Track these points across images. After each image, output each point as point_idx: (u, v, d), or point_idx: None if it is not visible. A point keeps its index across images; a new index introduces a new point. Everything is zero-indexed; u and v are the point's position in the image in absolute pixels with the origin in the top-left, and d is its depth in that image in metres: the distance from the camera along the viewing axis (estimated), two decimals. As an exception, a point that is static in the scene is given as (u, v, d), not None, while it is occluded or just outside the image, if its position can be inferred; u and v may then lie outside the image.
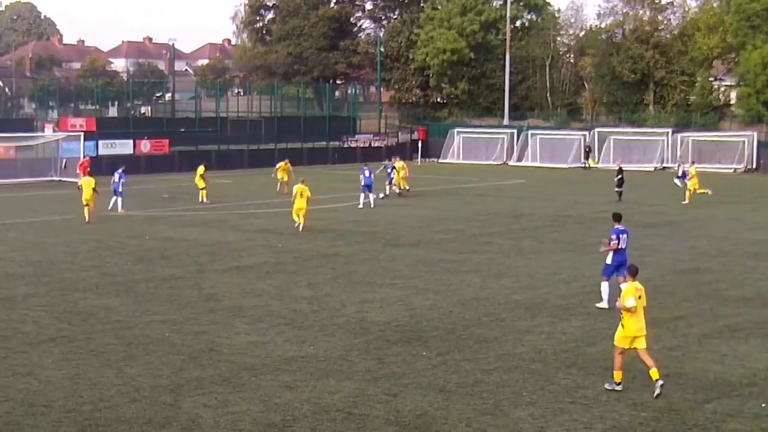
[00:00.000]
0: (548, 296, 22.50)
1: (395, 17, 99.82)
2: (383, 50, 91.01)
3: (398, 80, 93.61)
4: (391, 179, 47.56)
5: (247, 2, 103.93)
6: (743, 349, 17.73)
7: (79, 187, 38.42)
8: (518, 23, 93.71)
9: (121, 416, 13.73)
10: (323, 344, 17.85)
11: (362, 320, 19.89)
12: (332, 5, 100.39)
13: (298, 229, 33.69)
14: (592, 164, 73.03)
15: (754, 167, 69.88)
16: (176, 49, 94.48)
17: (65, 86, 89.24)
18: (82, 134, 60.15)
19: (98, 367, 16.26)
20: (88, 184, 36.96)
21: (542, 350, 17.52)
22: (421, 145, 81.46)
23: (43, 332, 18.77)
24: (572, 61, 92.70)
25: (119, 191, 39.46)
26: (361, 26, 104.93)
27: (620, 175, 46.13)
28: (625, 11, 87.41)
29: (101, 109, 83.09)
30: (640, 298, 15.17)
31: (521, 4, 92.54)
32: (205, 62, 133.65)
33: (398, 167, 48.41)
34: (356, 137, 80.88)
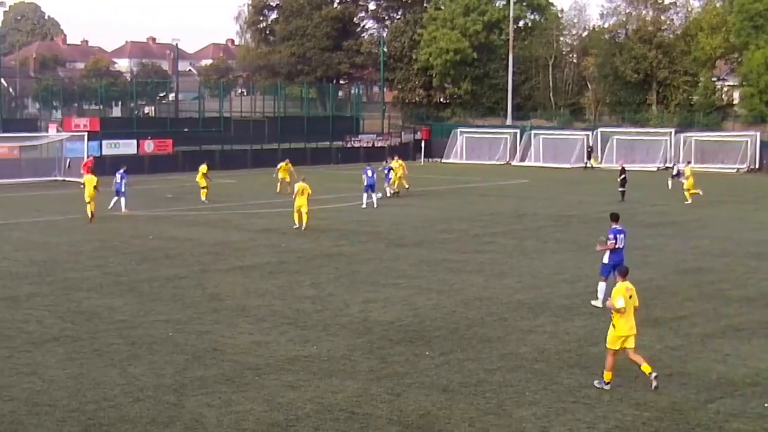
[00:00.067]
0: (551, 296, 22.50)
1: (398, 17, 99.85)
2: (386, 50, 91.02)
3: (401, 80, 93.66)
4: (389, 180, 47.48)
5: (250, 2, 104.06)
6: (746, 348, 17.73)
7: (81, 185, 38.64)
8: (521, 23, 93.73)
9: (124, 415, 13.76)
10: (326, 344, 17.87)
11: (365, 320, 19.90)
12: (335, 5, 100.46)
13: (297, 229, 33.75)
14: (594, 164, 73.01)
15: (756, 167, 69.78)
16: (180, 49, 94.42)
17: (69, 86, 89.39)
18: (85, 134, 60.28)
19: (102, 366, 16.29)
20: (89, 182, 37.23)
21: (545, 350, 17.53)
22: (424, 145, 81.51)
23: (46, 332, 18.80)
24: (575, 61, 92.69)
25: (122, 191, 39.53)
26: (364, 26, 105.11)
27: (623, 174, 46.15)
28: (628, 11, 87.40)
29: (105, 109, 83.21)
30: (630, 298, 15.21)
31: (524, 4, 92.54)
32: (208, 62, 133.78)
33: (395, 167, 48.40)
34: (359, 137, 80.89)
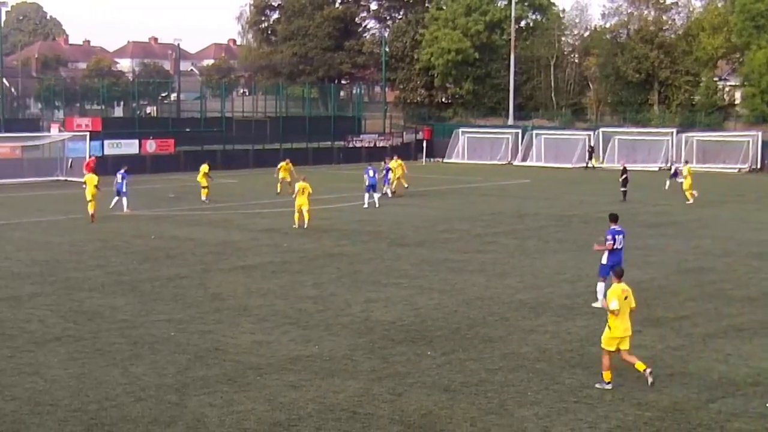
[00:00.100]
0: (553, 296, 22.50)
1: (400, 17, 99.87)
2: (388, 50, 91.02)
3: (403, 80, 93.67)
4: (387, 181, 47.31)
5: (252, 2, 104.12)
6: (748, 348, 17.73)
7: (83, 184, 38.76)
8: (523, 23, 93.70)
9: (126, 415, 13.77)
10: (328, 344, 17.88)
11: (367, 320, 19.91)
12: (337, 5, 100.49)
13: (298, 229, 33.82)
14: (595, 164, 72.98)
15: (758, 167, 69.74)
16: (181, 49, 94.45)
17: (71, 86, 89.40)
18: (87, 134, 60.36)
19: (104, 366, 16.30)
20: (90, 181, 37.43)
21: (547, 350, 17.53)
22: (425, 145, 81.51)
23: (48, 331, 18.81)
24: (577, 61, 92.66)
25: (123, 191, 39.56)
26: (366, 26, 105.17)
27: (625, 174, 46.14)
28: (629, 11, 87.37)
29: (107, 109, 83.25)
30: (626, 299, 15.18)
31: (526, 4, 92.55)
32: (210, 62, 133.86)
33: (394, 167, 48.37)
34: (361, 137, 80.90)
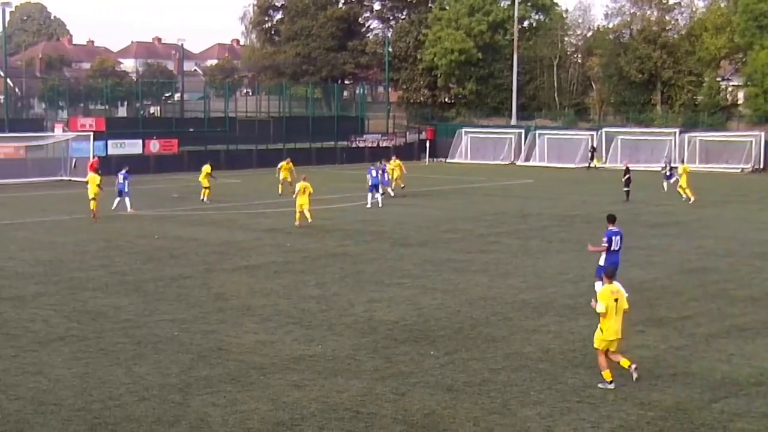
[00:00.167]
0: (555, 296, 22.51)
1: (403, 17, 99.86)
2: (391, 50, 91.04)
3: (406, 80, 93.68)
4: (387, 181, 46.70)
5: (255, 3, 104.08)
6: (751, 348, 17.72)
7: (86, 183, 38.99)
8: (526, 23, 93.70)
9: (130, 415, 13.79)
10: (331, 343, 17.90)
11: (370, 319, 19.93)
12: (340, 6, 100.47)
13: (300, 229, 33.92)
14: (597, 164, 72.95)
15: (761, 167, 69.73)
16: (185, 49, 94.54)
17: (75, 86, 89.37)
18: (91, 134, 60.48)
19: (107, 365, 16.33)
20: (93, 180, 37.69)
21: (550, 349, 17.54)
22: (429, 145, 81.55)
23: (52, 331, 18.85)
24: (580, 61, 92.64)
25: (125, 191, 39.66)
26: (369, 26, 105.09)
27: (628, 174, 46.12)
28: (632, 11, 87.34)
29: (111, 109, 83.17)
30: (616, 300, 15.11)
31: (529, 4, 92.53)
32: (214, 62, 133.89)
33: (391, 167, 48.33)
34: (364, 137, 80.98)
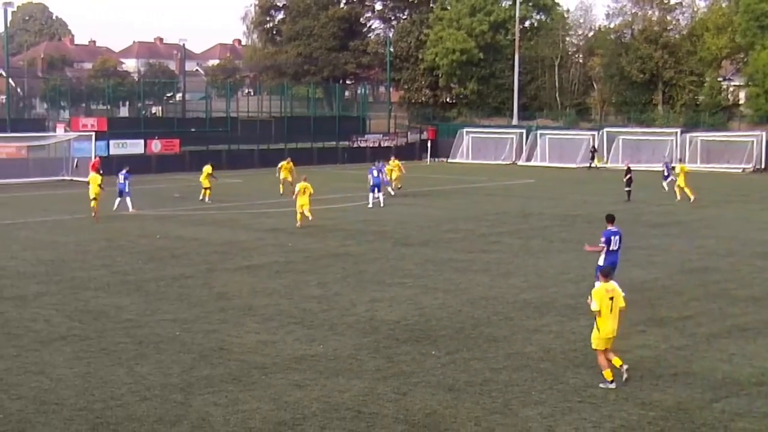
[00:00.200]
0: (557, 296, 22.51)
1: (405, 18, 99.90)
2: (393, 50, 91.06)
3: (408, 80, 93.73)
4: (387, 181, 46.82)
5: (257, 3, 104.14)
6: (752, 348, 17.73)
7: (87, 183, 39.12)
8: (527, 23, 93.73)
9: (131, 414, 13.81)
10: (333, 343, 17.91)
11: (372, 319, 19.94)
12: (342, 6, 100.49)
13: (301, 229, 33.94)
14: (598, 164, 72.94)
15: (762, 167, 69.68)
16: (187, 49, 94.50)
17: (77, 86, 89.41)
18: (93, 134, 60.55)
19: (109, 365, 16.35)
20: (94, 180, 37.86)
21: (551, 349, 17.54)
22: (430, 144, 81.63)
23: (54, 331, 18.87)
24: (581, 61, 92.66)
25: (126, 191, 39.73)
26: (370, 26, 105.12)
27: (629, 174, 46.11)
28: (634, 11, 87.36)
29: (112, 109, 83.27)
30: (612, 299, 15.16)
31: (530, 4, 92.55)
32: (215, 62, 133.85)
33: (390, 167, 48.31)
34: (366, 137, 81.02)
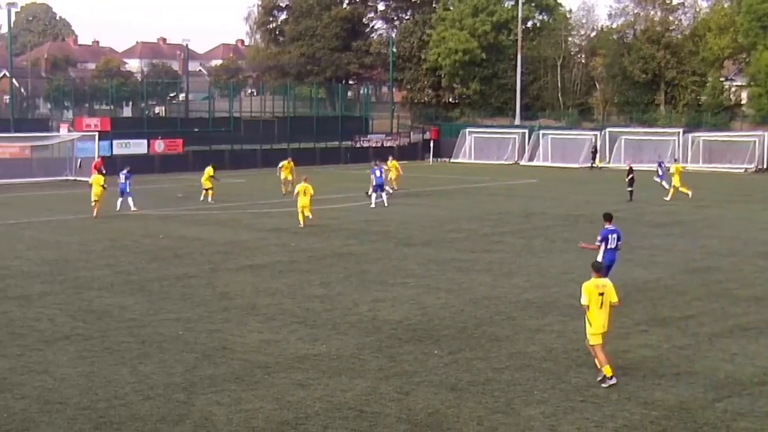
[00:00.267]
0: (559, 295, 22.52)
1: (407, 18, 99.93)
2: (395, 51, 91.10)
3: (410, 80, 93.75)
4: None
5: (260, 3, 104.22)
6: (754, 348, 17.74)
7: (90, 184, 39.24)
8: (530, 24, 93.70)
9: (135, 413, 13.84)
10: (336, 342, 17.94)
11: (374, 319, 19.96)
12: (345, 6, 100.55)
13: (304, 229, 33.98)
14: (599, 164, 72.91)
15: (764, 167, 69.61)
16: (190, 49, 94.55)
17: (80, 86, 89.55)
18: (96, 134, 60.64)
19: (113, 364, 16.38)
20: (96, 181, 38.00)
21: (553, 349, 17.56)
22: (433, 144, 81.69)
23: (58, 330, 18.91)
24: (583, 61, 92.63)
25: (127, 191, 39.87)
26: (373, 27, 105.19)
27: (631, 174, 46.12)
28: (636, 12, 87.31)
29: (116, 109, 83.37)
30: (602, 294, 15.29)
31: (533, 4, 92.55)
32: (218, 63, 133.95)
33: (385, 169, 48.31)
34: (368, 137, 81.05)
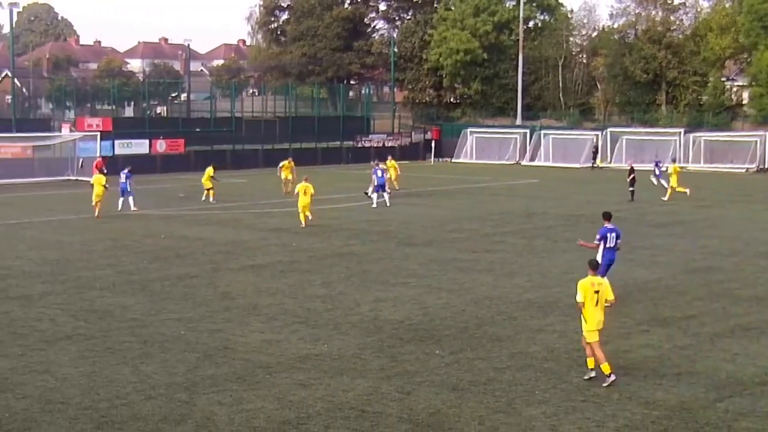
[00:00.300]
0: (560, 295, 22.50)
1: (409, 18, 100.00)
2: (397, 51, 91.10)
3: (412, 80, 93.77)
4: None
5: (261, 3, 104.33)
6: (755, 348, 17.74)
7: (91, 184, 39.29)
8: (531, 24, 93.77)
9: (136, 413, 13.85)
10: (337, 342, 17.95)
11: (376, 319, 19.97)
12: (346, 6, 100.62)
13: (306, 229, 34.01)
14: (600, 164, 72.90)
15: (766, 167, 69.59)
16: (191, 49, 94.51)
17: (82, 86, 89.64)
18: (98, 134, 60.73)
19: (114, 364, 16.39)
20: (98, 181, 38.04)
21: (555, 349, 17.57)
22: (434, 145, 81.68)
23: (59, 330, 18.92)
24: (585, 61, 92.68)
25: (128, 191, 39.93)
26: (374, 27, 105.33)
27: (632, 174, 46.11)
28: (637, 12, 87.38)
29: (117, 109, 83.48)
30: (597, 292, 15.37)
31: (534, 4, 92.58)
32: (220, 63, 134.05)
33: (386, 167, 48.31)
34: (370, 137, 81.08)
